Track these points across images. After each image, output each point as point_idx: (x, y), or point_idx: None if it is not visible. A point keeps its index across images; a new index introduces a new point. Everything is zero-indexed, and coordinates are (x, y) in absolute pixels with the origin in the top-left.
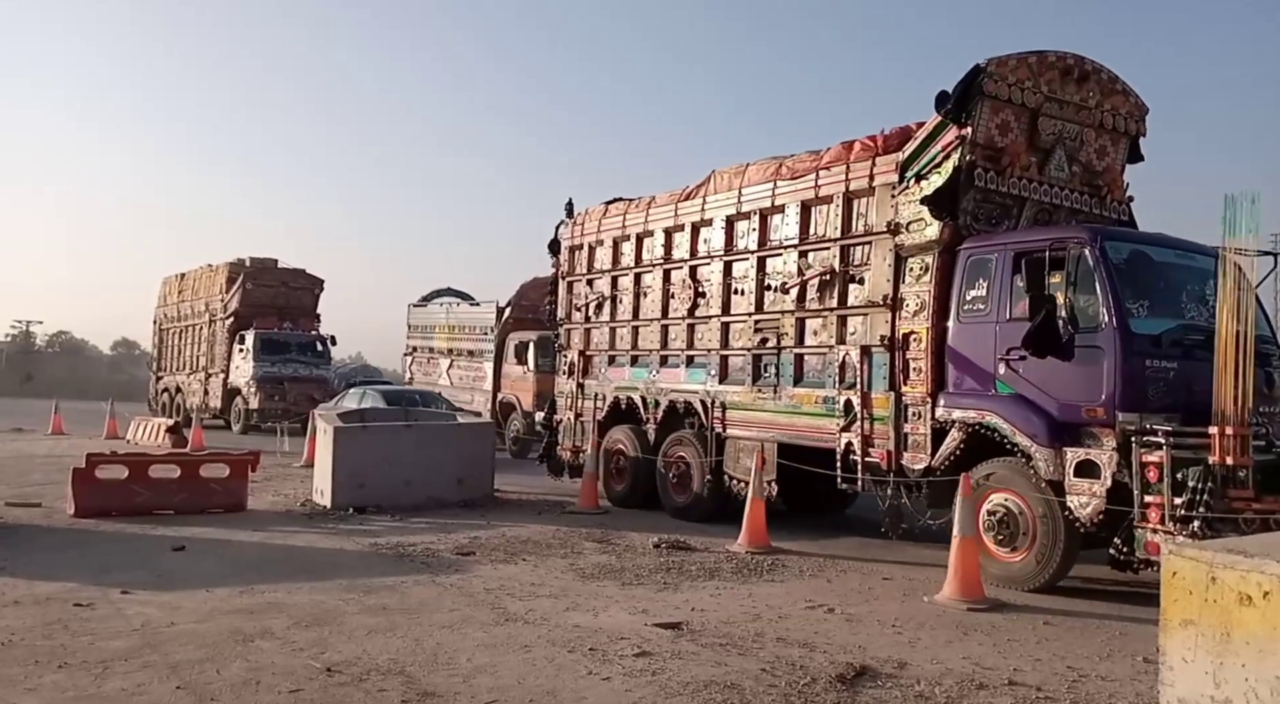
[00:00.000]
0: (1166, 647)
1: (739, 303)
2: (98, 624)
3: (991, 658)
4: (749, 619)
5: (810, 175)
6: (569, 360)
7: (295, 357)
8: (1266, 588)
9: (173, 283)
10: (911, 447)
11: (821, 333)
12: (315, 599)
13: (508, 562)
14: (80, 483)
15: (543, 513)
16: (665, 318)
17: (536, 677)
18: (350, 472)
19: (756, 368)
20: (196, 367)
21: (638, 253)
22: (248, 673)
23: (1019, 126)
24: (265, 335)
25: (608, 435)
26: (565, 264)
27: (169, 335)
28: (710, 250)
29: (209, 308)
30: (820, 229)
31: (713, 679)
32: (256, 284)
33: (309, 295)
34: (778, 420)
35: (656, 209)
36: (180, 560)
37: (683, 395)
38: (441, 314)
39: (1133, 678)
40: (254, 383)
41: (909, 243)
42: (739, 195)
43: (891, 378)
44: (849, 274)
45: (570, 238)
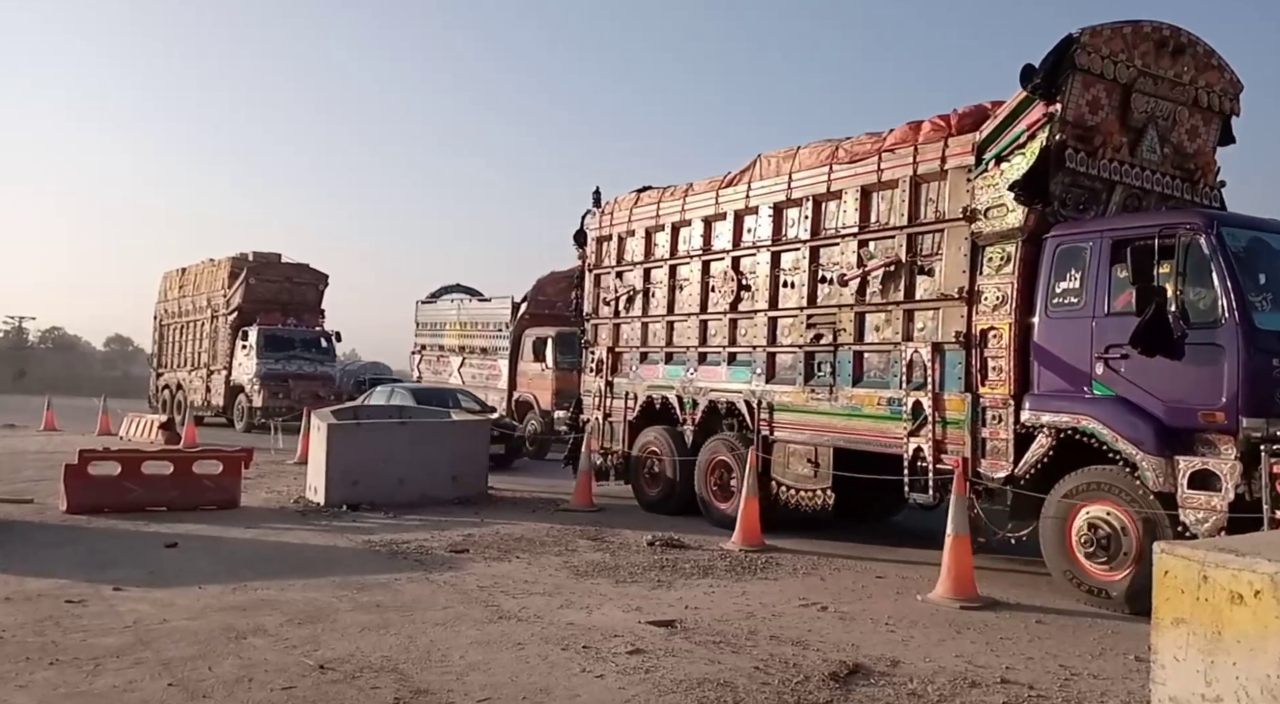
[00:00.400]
0: (1158, 645)
1: (788, 296)
2: (90, 621)
3: (984, 656)
4: (742, 617)
5: (871, 158)
6: (597, 357)
7: (299, 353)
8: (1258, 587)
9: (173, 278)
10: (990, 453)
11: (885, 329)
12: (308, 596)
13: (501, 559)
14: (72, 479)
15: (537, 510)
16: (704, 312)
17: (530, 674)
18: (344, 469)
19: (809, 366)
20: (198, 363)
21: (673, 243)
22: (240, 670)
23: (1110, 104)
24: (269, 331)
25: (640, 437)
26: (592, 256)
27: (170, 331)
28: (756, 240)
29: (211, 303)
30: (883, 216)
31: (706, 677)
32: (260, 279)
33: (313, 291)
34: (834, 423)
35: (695, 197)
36: (173, 557)
37: (724, 395)
38: (452, 311)
39: (1125, 676)
40: (257, 380)
41: (987, 230)
42: (789, 181)
43: (968, 378)
44: (917, 265)
45: (598, 228)
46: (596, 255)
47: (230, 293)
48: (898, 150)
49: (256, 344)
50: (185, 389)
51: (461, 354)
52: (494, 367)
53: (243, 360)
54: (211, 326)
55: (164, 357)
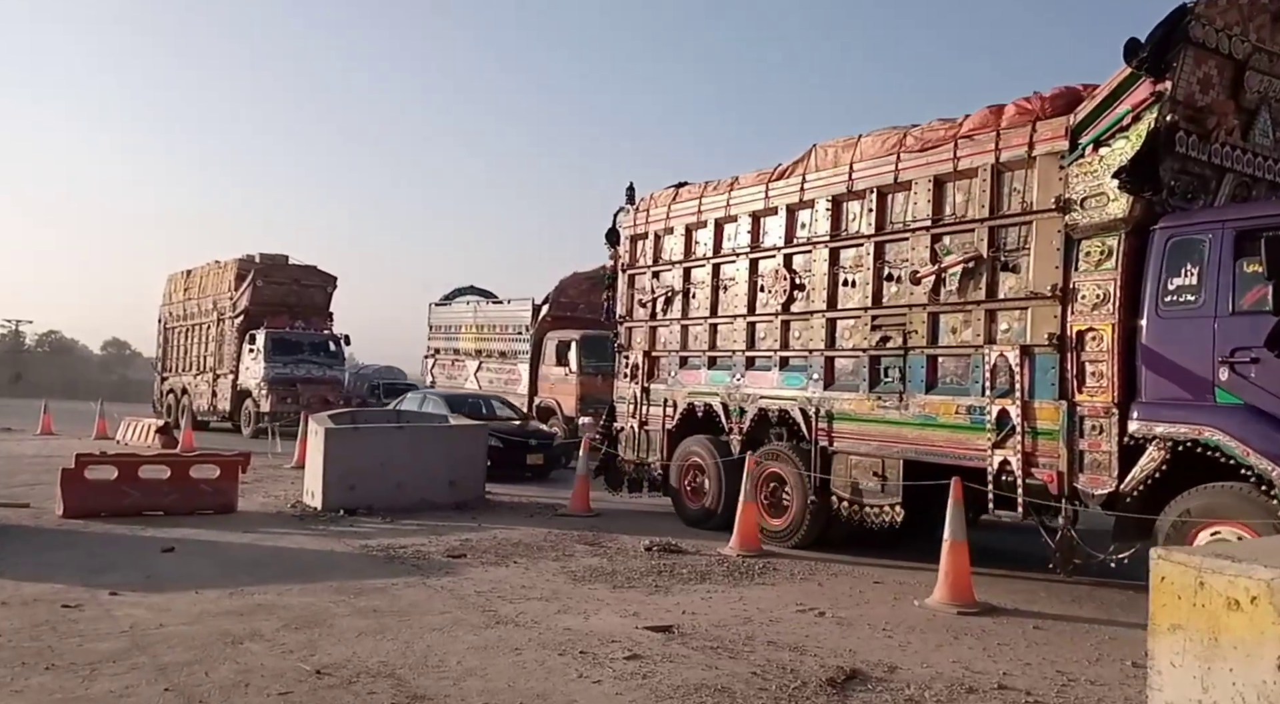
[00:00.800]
0: (1155, 651)
1: (849, 296)
2: (86, 626)
3: (981, 662)
4: (740, 622)
5: (945, 146)
6: (631, 362)
7: (308, 357)
8: (1254, 593)
9: (178, 280)
10: (1090, 467)
11: (963, 330)
12: (305, 601)
13: (499, 564)
14: (69, 483)
15: (534, 515)
16: (753, 314)
17: (527, 679)
18: (341, 473)
19: (874, 372)
20: (204, 367)
21: (717, 240)
22: (237, 675)
23: (1222, 82)
24: (276, 335)
25: (680, 447)
26: (626, 255)
27: (174, 335)
28: (812, 236)
29: (217, 306)
30: (959, 209)
31: (703, 682)
32: (267, 281)
33: (321, 293)
34: (904, 433)
35: (741, 191)
36: (169, 562)
37: (776, 403)
38: (468, 313)
39: (1122, 682)
40: (265, 384)
41: (1085, 222)
42: (849, 172)
43: (1062, 384)
44: (1000, 261)
45: (632, 226)
46: (630, 254)
47: (237, 295)
48: (977, 136)
49: (264, 347)
50: (191, 393)
51: (478, 358)
52: (513, 371)
53: (250, 364)
54: (218, 330)
55: (169, 360)
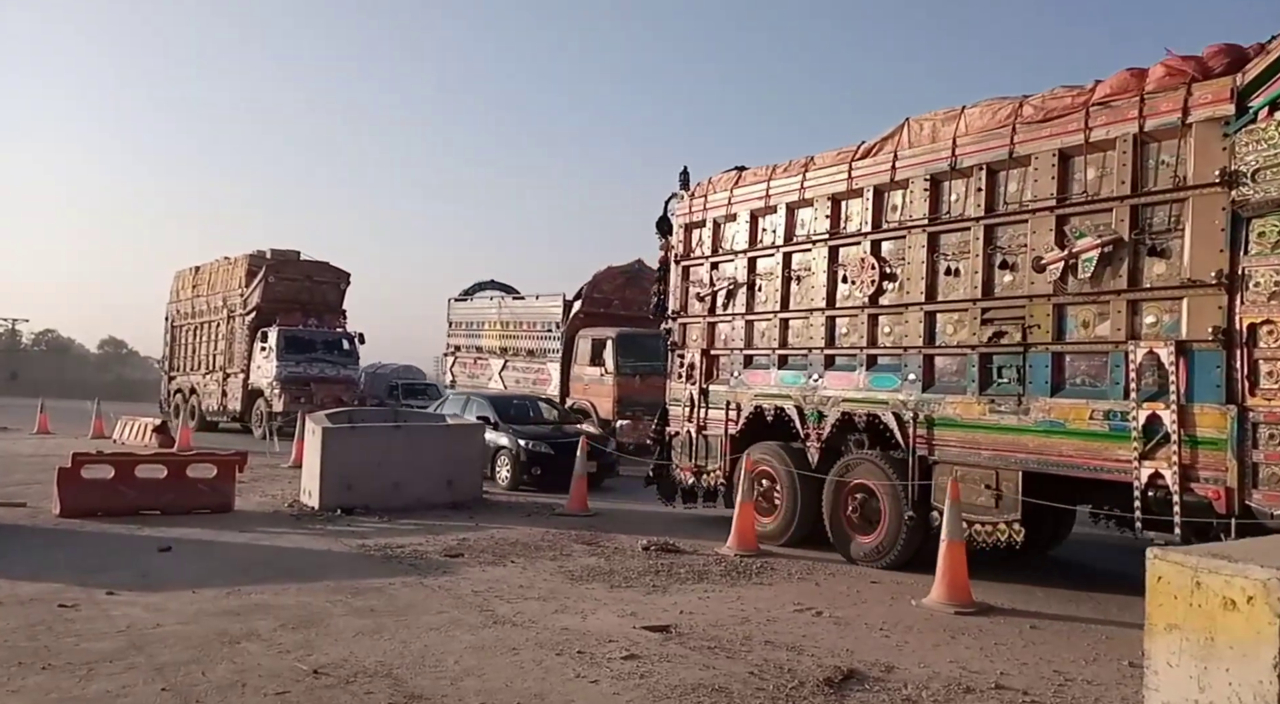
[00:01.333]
0: (1151, 651)
1: (952, 286)
2: (82, 625)
3: (978, 662)
4: (737, 622)
5: (1073, 115)
6: (686, 361)
7: (321, 356)
8: (1250, 593)
9: (186, 277)
10: (1268, 482)
11: (1097, 324)
12: (302, 601)
13: (496, 564)
14: (65, 482)
15: (532, 515)
16: (833, 307)
17: (524, 679)
18: (338, 473)
19: (985, 371)
20: (213, 366)
21: (788, 226)
22: (234, 675)
23: None
24: (289, 333)
25: (746, 454)
26: (680, 245)
27: (182, 333)
28: (905, 219)
29: (227, 303)
30: (1091, 186)
31: (701, 682)
32: (279, 278)
33: (334, 290)
34: (1024, 441)
35: (818, 172)
36: (166, 561)
37: (863, 406)
38: (492, 309)
39: (1118, 682)
40: (277, 384)
41: (1258, 198)
42: (952, 147)
43: (1229, 386)
44: (1146, 244)
45: (687, 213)
46: (685, 244)
47: (248, 292)
48: (1114, 103)
49: (276, 346)
50: (200, 393)
51: (503, 356)
52: (542, 370)
53: (261, 363)
54: (228, 327)
55: (176, 359)
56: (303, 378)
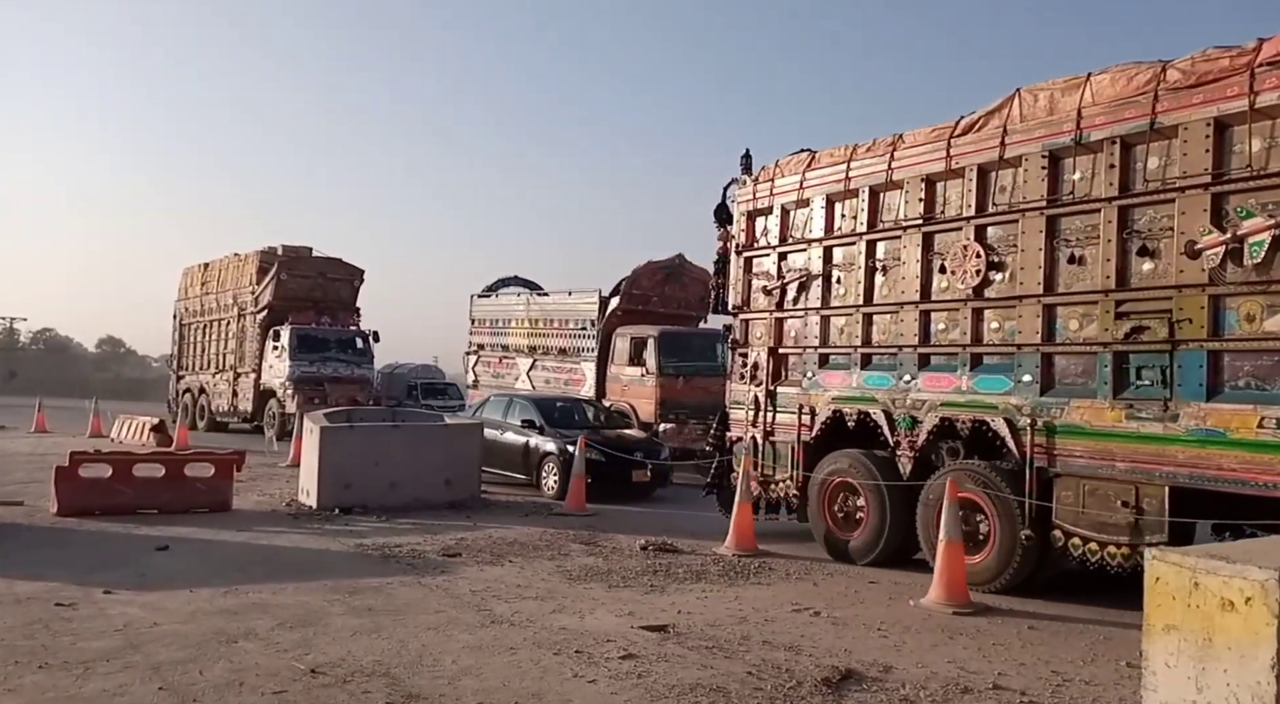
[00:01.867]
0: (1149, 652)
1: (1077, 275)
2: (80, 624)
3: (976, 662)
4: (735, 622)
5: (1234, 78)
6: (751, 360)
7: (335, 355)
8: (1249, 594)
9: (195, 273)
10: None
11: (1266, 317)
12: (300, 600)
13: (494, 563)
14: (63, 481)
15: (529, 515)
16: (928, 300)
17: (522, 679)
18: (336, 472)
19: (1119, 372)
20: (223, 365)
21: (872, 212)
22: (231, 674)
23: None
24: (302, 331)
25: (824, 464)
26: (742, 234)
27: (191, 331)
28: (1017, 201)
29: (237, 301)
30: (1258, 159)
31: (699, 682)
32: (291, 274)
33: (348, 287)
34: (1171, 453)
35: (908, 151)
36: (164, 560)
37: (966, 411)
38: (519, 306)
39: (1116, 683)
40: (290, 384)
41: None
42: (1076, 119)
43: None
44: None
45: (750, 200)
46: (747, 233)
47: (259, 289)
48: None
49: (289, 345)
50: (209, 393)
51: (531, 356)
52: (575, 370)
53: (274, 362)
54: (238, 326)
55: (185, 358)
56: (316, 378)
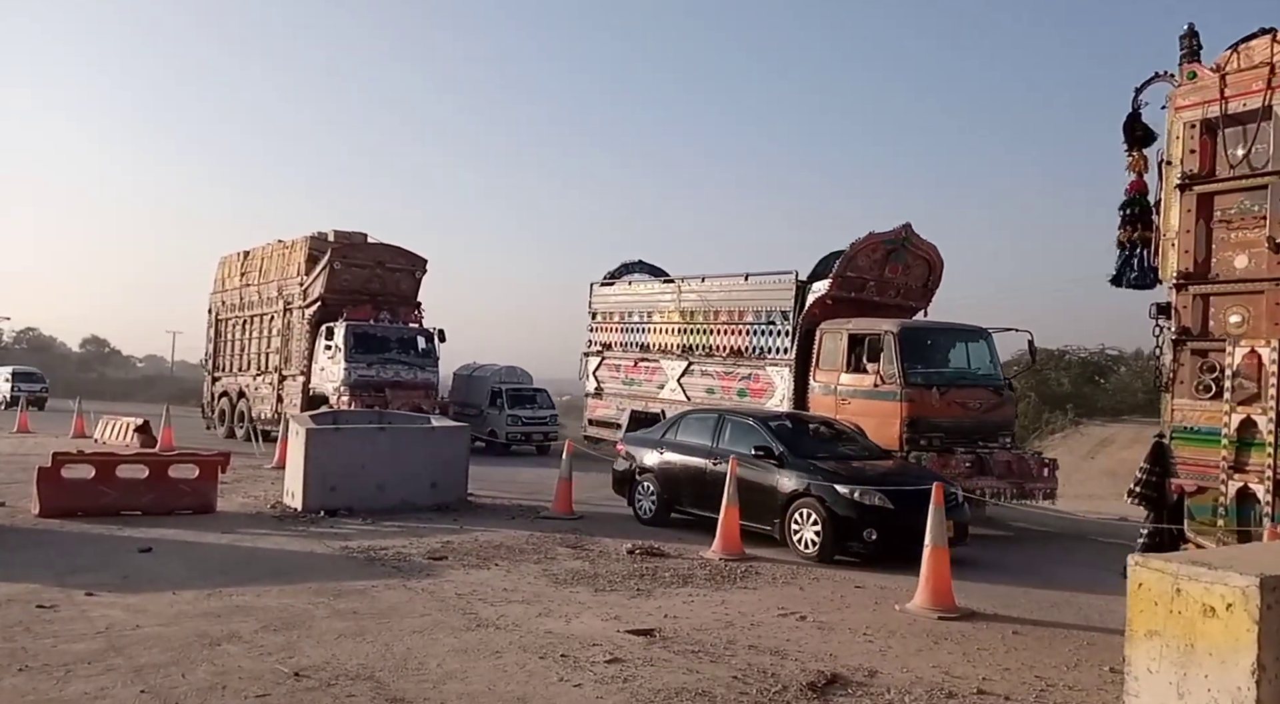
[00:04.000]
0: (1132, 657)
1: None
2: (60, 626)
3: (961, 667)
4: (721, 626)
5: None
6: (1223, 364)
7: (396, 356)
8: (1230, 600)
9: (233, 263)
10: None
11: None
12: (284, 602)
13: (480, 566)
14: (45, 482)
15: (516, 518)
16: None
17: (507, 683)
18: (322, 474)
19: None
20: (266, 366)
21: None
22: (214, 677)
23: None
24: (359, 328)
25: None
26: (1188, 158)
27: (228, 327)
28: None
29: (283, 293)
30: None
31: (684, 686)
32: (345, 263)
33: (409, 278)
34: None
35: None
36: (147, 562)
37: None
38: (666, 295)
39: (1099, 688)
40: (346, 389)
41: None
42: None
43: None
44: None
45: (1208, 101)
46: (1201, 156)
47: (309, 281)
48: None
49: (345, 344)
50: (250, 397)
51: (685, 357)
52: (755, 377)
53: (326, 364)
54: (284, 322)
55: (221, 358)
56: (376, 382)
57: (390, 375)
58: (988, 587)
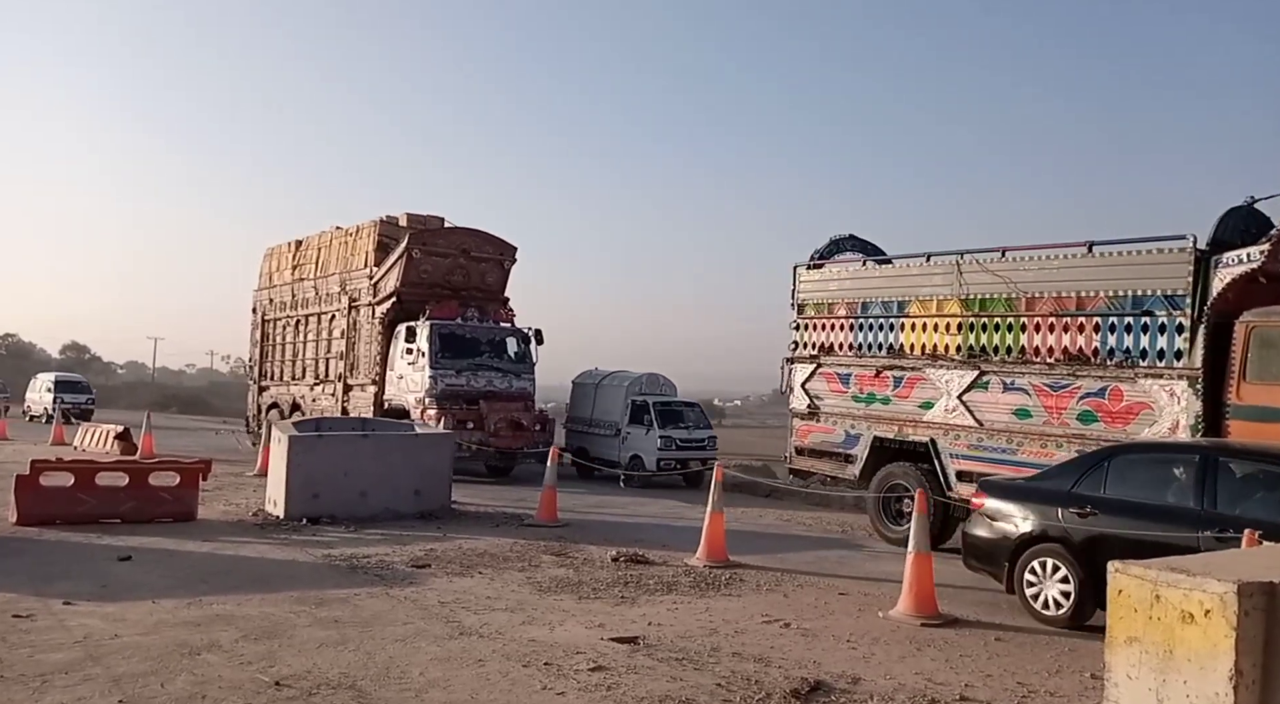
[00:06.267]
0: (1112, 663)
1: None
2: (37, 636)
3: (944, 673)
4: (705, 633)
5: None
6: None
7: (488, 361)
8: (1208, 606)
9: (282, 254)
10: None
11: None
12: (265, 611)
13: (463, 574)
14: (23, 490)
15: (500, 525)
16: None
17: (490, 691)
18: (304, 481)
19: None
20: (326, 373)
21: None
22: (194, 687)
23: None
24: (446, 329)
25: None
26: None
27: (278, 328)
28: None
29: (347, 288)
30: None
31: (668, 694)
32: (425, 252)
33: (496, 270)
34: None
35: None
36: (126, 570)
37: None
38: (935, 278)
39: (1080, 694)
40: (433, 400)
41: None
42: None
43: None
44: None
45: None
46: None
47: (380, 273)
48: None
49: (429, 347)
50: (306, 410)
51: (973, 365)
52: (1118, 394)
53: (405, 371)
54: (349, 321)
55: (270, 364)
56: (468, 392)
57: (483, 384)
58: (971, 593)
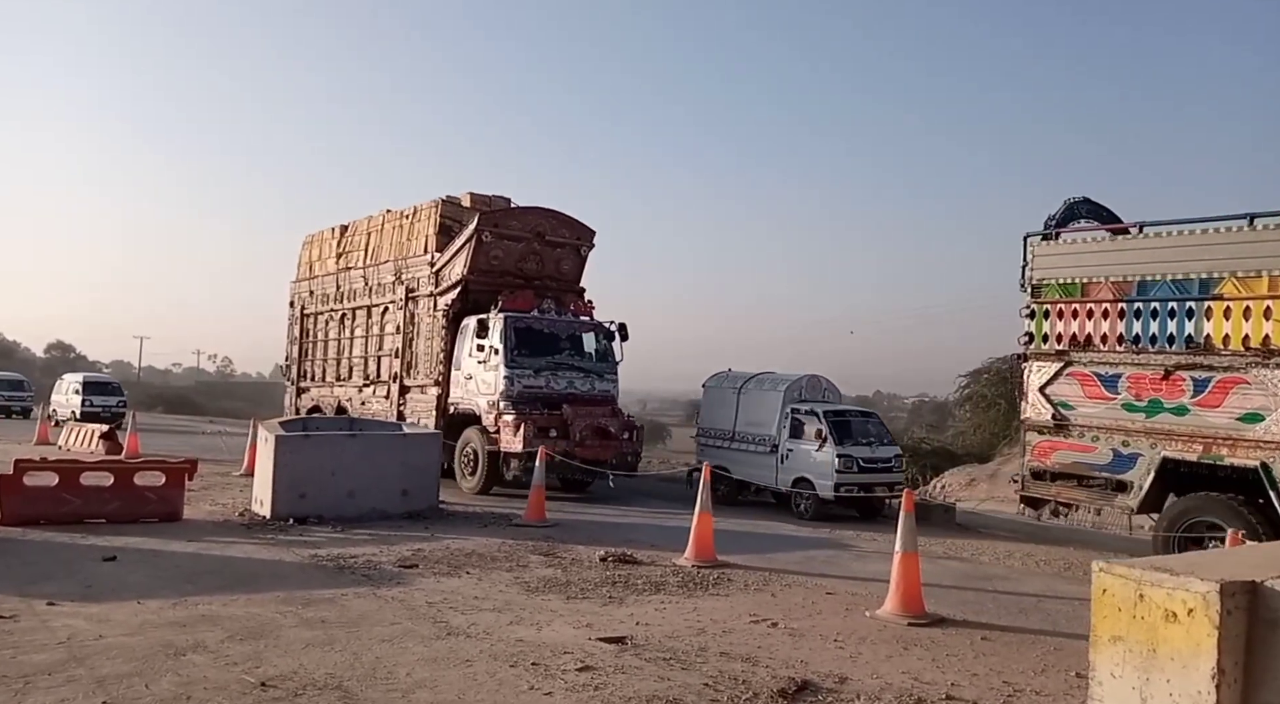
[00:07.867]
0: (1096, 662)
1: None
2: (20, 637)
3: (930, 673)
4: (693, 633)
5: None
6: None
7: (568, 360)
8: (1191, 605)
9: (325, 242)
10: None
11: None
12: (251, 611)
13: (451, 574)
14: (7, 490)
15: (488, 525)
16: None
17: (477, 692)
18: (291, 481)
19: None
20: (378, 374)
21: None
22: (179, 688)
23: None
24: (523, 322)
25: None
26: None
27: (319, 324)
28: None
29: (402, 277)
30: None
31: (655, 694)
32: (497, 235)
33: (573, 256)
34: None
35: None
36: (111, 571)
37: None
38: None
39: (1066, 693)
40: (509, 404)
41: None
42: None
43: None
44: None
45: None
46: None
47: (443, 259)
48: None
49: (504, 343)
50: (354, 415)
51: None
52: None
53: (474, 370)
54: (405, 314)
55: (310, 363)
56: (547, 395)
57: (563, 386)
58: (957, 592)
